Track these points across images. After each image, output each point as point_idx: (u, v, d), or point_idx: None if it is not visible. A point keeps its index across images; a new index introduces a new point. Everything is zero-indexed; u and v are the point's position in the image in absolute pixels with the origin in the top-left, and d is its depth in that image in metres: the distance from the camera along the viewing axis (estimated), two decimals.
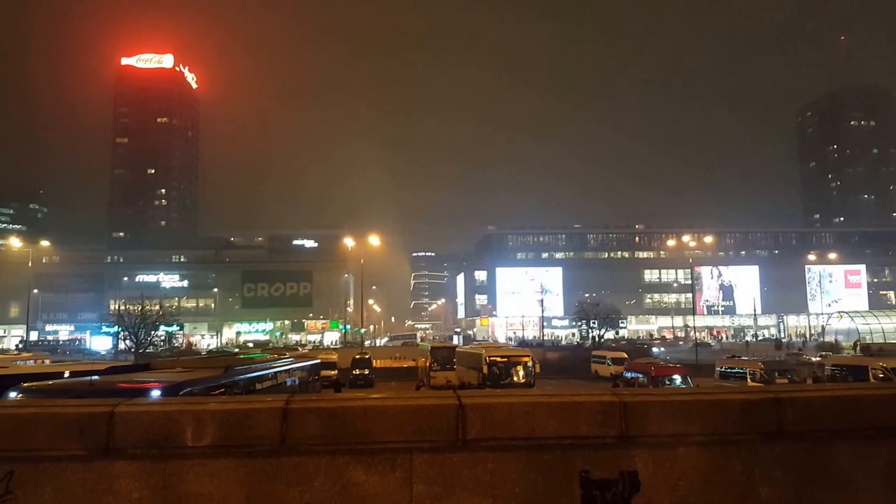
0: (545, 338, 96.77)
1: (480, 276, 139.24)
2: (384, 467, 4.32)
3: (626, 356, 50.58)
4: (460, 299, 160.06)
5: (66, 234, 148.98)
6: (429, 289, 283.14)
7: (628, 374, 35.12)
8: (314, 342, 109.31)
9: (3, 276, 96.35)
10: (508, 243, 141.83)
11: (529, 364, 30.42)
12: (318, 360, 21.90)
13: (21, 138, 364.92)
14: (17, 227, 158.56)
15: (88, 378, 8.77)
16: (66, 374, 13.08)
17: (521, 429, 4.44)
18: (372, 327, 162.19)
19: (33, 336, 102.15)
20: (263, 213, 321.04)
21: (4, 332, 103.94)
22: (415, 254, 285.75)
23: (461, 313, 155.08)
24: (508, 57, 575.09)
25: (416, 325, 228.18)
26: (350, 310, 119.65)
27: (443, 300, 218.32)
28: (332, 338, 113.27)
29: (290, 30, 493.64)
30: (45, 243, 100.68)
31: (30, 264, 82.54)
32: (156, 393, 8.09)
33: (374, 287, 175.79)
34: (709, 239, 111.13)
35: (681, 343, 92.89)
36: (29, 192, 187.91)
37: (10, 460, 4.18)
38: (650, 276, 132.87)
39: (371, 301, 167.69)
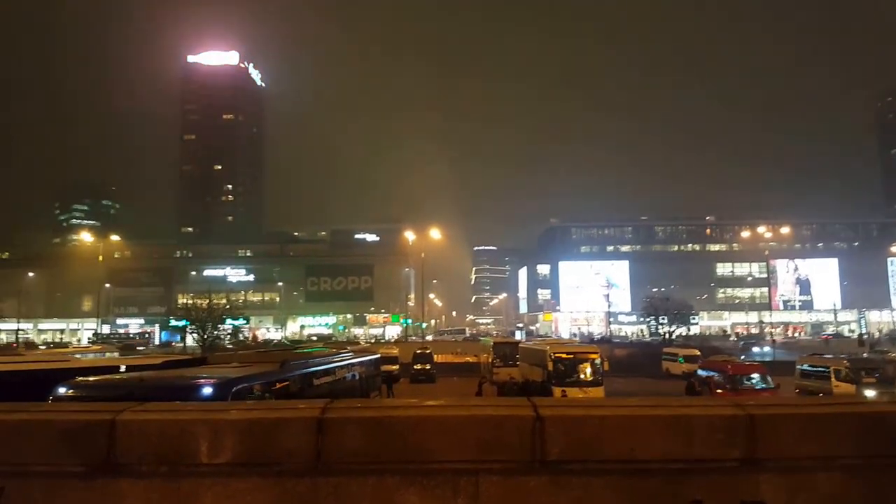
0: (611, 334, 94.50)
1: (543, 270, 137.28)
2: (443, 492, 3.45)
3: (698, 353, 48.48)
4: (522, 294, 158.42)
5: (137, 229, 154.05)
6: (490, 283, 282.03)
7: (703, 373, 33.35)
8: (376, 336, 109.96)
9: (78, 271, 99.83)
10: (572, 236, 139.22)
11: (598, 361, 29.06)
12: (379, 355, 21.24)
13: (94, 137, 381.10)
14: (91, 222, 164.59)
15: (138, 374, 8.39)
16: (122, 369, 12.69)
17: (616, 448, 3.49)
18: (433, 321, 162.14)
19: (105, 329, 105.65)
20: (326, 207, 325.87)
21: (78, 326, 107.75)
22: (476, 248, 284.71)
23: (523, 308, 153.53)
24: (575, 45, 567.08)
25: (476, 320, 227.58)
26: (411, 304, 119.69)
27: (504, 295, 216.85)
28: (393, 332, 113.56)
29: (353, 27, 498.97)
30: (115, 238, 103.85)
31: (100, 259, 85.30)
32: (207, 390, 7.69)
33: (434, 281, 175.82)
34: (785, 230, 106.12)
35: (757, 340, 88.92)
36: (102, 189, 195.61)
37: None
38: (722, 269, 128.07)
39: (432, 295, 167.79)
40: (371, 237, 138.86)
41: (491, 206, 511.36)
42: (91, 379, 8.39)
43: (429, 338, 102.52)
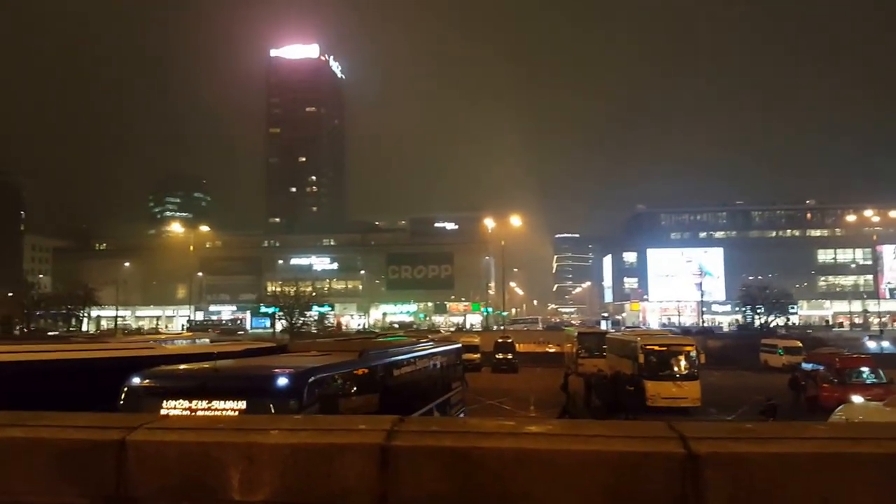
0: (704, 324, 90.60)
1: (629, 257, 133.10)
2: None
3: (800, 345, 45.43)
4: (607, 282, 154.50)
5: (227, 220, 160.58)
6: (573, 271, 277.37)
7: (807, 366, 30.94)
8: (457, 324, 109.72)
9: (172, 260, 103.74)
10: (661, 222, 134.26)
11: (693, 354, 27.18)
12: (460, 344, 20.46)
13: (186, 132, 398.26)
14: (184, 214, 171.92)
15: (213, 363, 7.98)
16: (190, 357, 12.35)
17: (804, 500, 2.40)
18: (514, 310, 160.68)
19: (199, 316, 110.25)
20: (406, 196, 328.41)
21: (174, 313, 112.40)
22: (557, 235, 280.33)
23: (608, 297, 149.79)
24: (662, 21, 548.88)
25: (558, 309, 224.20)
26: (491, 292, 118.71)
27: (588, 283, 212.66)
28: (473, 320, 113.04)
29: (430, 14, 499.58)
30: (206, 229, 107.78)
31: (191, 249, 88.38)
32: (283, 381, 7.29)
33: (515, 270, 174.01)
34: (894, 214, 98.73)
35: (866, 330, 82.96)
36: (193, 182, 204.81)
37: None
38: (824, 256, 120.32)
39: (513, 284, 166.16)
40: (450, 225, 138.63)
41: (573, 193, 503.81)
42: (165, 368, 8.18)
43: (502, 327, 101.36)
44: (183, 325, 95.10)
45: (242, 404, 6.96)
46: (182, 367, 8.42)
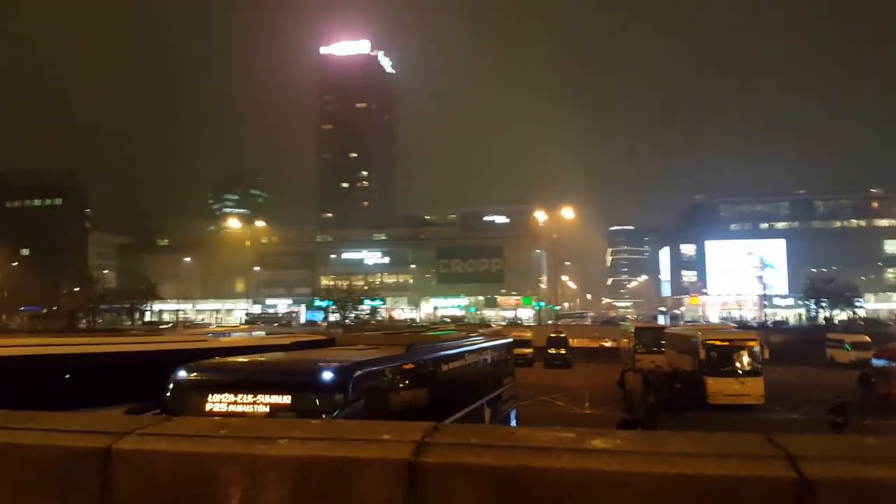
0: (766, 318, 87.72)
1: (687, 250, 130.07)
2: None
3: (868, 340, 43.29)
4: (664, 276, 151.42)
5: (282, 216, 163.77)
6: (628, 265, 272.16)
7: (878, 362, 29.32)
8: (507, 318, 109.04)
9: (230, 256, 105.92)
10: (720, 213, 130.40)
11: (756, 349, 26.09)
12: (511, 339, 19.86)
13: (242, 130, 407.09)
14: (241, 210, 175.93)
15: (259, 356, 8.13)
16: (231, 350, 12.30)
17: None
18: (567, 304, 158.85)
19: (256, 310, 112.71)
20: (456, 190, 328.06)
21: (232, 306, 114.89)
22: (612, 227, 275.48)
23: (666, 291, 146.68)
24: (719, 6, 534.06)
25: (613, 303, 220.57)
26: (543, 286, 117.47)
27: (644, 277, 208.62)
28: (526, 315, 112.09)
29: (482, 6, 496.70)
30: (260, 224, 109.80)
31: (247, 244, 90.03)
32: (327, 375, 7.11)
33: (567, 263, 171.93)
34: None
35: None
36: (250, 179, 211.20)
37: None
38: (891, 247, 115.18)
39: (565, 277, 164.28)
40: (501, 219, 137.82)
41: (628, 183, 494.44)
42: (210, 361, 8.10)
43: (549, 322, 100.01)
44: (241, 319, 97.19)
45: (287, 399, 6.84)
46: (228, 360, 8.38)
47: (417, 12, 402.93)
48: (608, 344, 51.71)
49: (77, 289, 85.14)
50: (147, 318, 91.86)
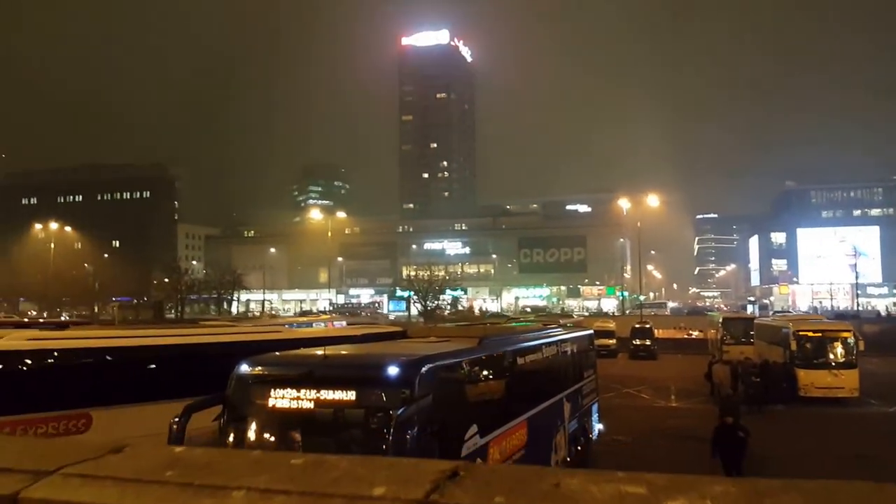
0: (859, 307, 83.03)
1: (777, 238, 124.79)
2: None
3: None
4: (753, 265, 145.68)
5: (364, 207, 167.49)
6: (715, 253, 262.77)
7: None
8: (592, 309, 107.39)
9: (314, 246, 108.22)
10: (811, 200, 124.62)
11: (850, 340, 24.74)
12: (592, 331, 19.33)
13: (325, 123, 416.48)
14: (325, 202, 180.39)
15: (323, 349, 7.68)
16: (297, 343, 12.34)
17: None
18: (652, 294, 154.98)
19: (340, 300, 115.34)
20: (537, 179, 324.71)
21: (317, 296, 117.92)
22: (698, 216, 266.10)
23: (755, 280, 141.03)
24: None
25: (701, 293, 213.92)
26: (627, 276, 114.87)
27: (732, 266, 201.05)
28: (609, 305, 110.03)
29: None
30: (345, 216, 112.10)
31: (329, 235, 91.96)
32: (393, 369, 6.88)
33: (652, 252, 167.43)
34: None
35: None
36: (333, 171, 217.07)
37: None
38: None
39: (650, 267, 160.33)
40: (583, 208, 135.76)
41: (715, 170, 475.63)
42: (272, 355, 7.97)
43: (626, 312, 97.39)
44: (325, 309, 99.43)
45: (351, 394, 6.71)
46: (290, 353, 8.26)
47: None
48: (695, 334, 50.06)
49: (166, 280, 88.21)
50: (234, 307, 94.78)
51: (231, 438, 7.26)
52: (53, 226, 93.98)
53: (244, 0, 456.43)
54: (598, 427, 16.89)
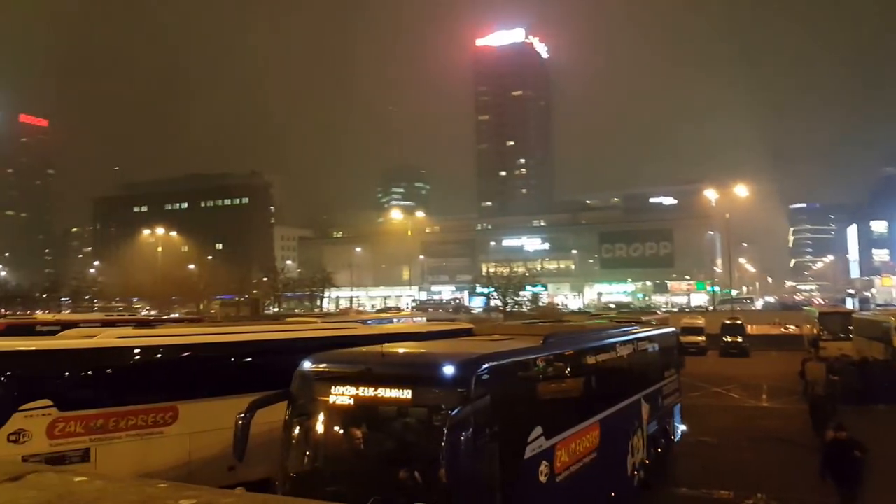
0: None
1: (878, 227, 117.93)
2: None
3: None
4: (852, 256, 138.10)
5: (444, 206, 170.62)
6: (811, 245, 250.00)
7: None
8: (680, 304, 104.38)
9: (397, 245, 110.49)
10: None
11: None
12: (673, 329, 18.64)
13: (407, 126, 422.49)
14: (407, 202, 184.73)
15: (380, 347, 7.73)
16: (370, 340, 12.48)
17: None
18: (745, 289, 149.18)
19: (422, 297, 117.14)
20: (618, 172, 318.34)
21: (400, 293, 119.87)
22: (793, 205, 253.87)
23: (854, 272, 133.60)
24: None
25: (796, 286, 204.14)
26: (718, 270, 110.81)
27: (830, 257, 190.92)
28: (699, 300, 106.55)
29: None
30: (424, 216, 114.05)
31: (409, 234, 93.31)
32: (448, 369, 6.73)
33: (744, 245, 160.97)
34: None
35: None
36: (414, 173, 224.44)
37: None
38: None
39: (742, 260, 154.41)
40: (668, 200, 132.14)
41: (809, 157, 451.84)
42: (333, 353, 8.04)
43: (709, 308, 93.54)
44: (407, 305, 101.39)
45: (407, 393, 6.68)
46: (351, 351, 8.31)
47: None
48: (791, 330, 47.76)
49: (264, 279, 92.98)
50: (325, 304, 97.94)
51: (294, 433, 7.46)
52: (161, 231, 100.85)
53: (324, 11, 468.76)
54: (680, 428, 16.40)
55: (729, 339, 42.90)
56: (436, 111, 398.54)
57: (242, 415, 7.29)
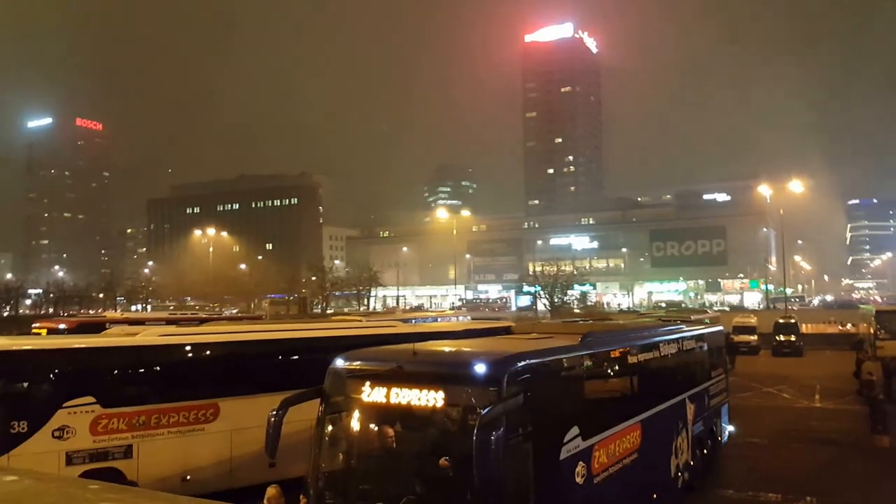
0: None
1: None
2: None
3: None
4: None
5: (490, 205, 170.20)
6: (870, 241, 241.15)
7: None
8: (733, 303, 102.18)
9: (444, 244, 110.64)
10: None
11: None
12: (721, 328, 18.23)
13: (453, 125, 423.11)
14: (454, 202, 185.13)
15: (411, 345, 7.59)
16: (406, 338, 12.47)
17: None
18: (800, 287, 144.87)
19: (469, 295, 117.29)
20: (670, 169, 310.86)
21: (446, 292, 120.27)
22: (850, 202, 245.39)
23: None
24: None
25: (854, 284, 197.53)
26: (772, 268, 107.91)
27: (888, 254, 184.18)
28: (753, 299, 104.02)
29: None
30: (470, 214, 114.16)
31: (454, 233, 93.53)
32: (479, 368, 6.68)
33: (799, 242, 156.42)
34: None
35: None
36: (461, 171, 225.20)
37: None
38: None
39: (797, 257, 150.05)
40: (721, 196, 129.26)
41: (867, 152, 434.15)
42: (366, 350, 8.07)
43: (759, 306, 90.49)
44: (452, 304, 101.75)
45: (439, 392, 6.60)
46: (382, 349, 8.33)
47: None
48: (847, 329, 46.33)
49: (313, 278, 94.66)
50: (372, 303, 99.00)
51: (326, 431, 7.53)
52: (212, 231, 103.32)
53: (370, 11, 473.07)
54: (728, 429, 16.15)
55: (782, 338, 41.90)
56: (483, 109, 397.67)
57: (275, 412, 7.34)
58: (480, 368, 6.72)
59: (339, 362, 7.68)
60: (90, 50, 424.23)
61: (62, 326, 20.79)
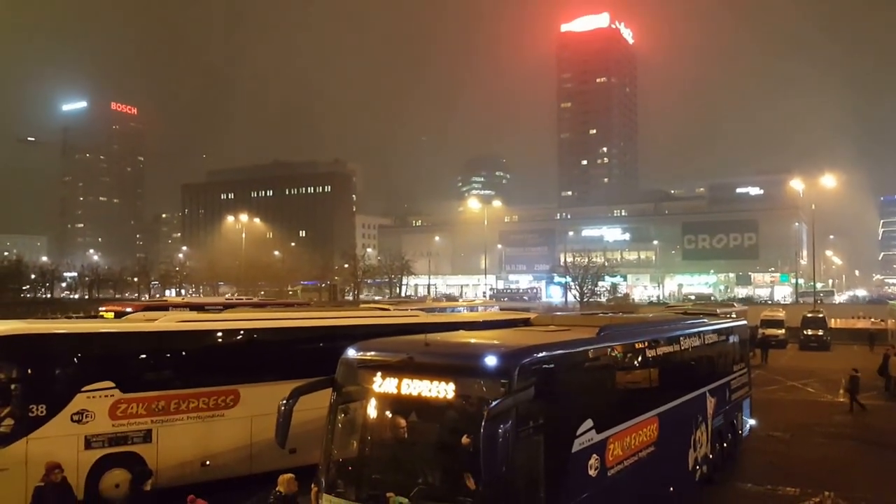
0: None
1: None
2: None
3: None
4: None
5: (523, 195, 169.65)
6: None
7: None
8: (763, 297, 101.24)
9: (475, 234, 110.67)
10: None
11: None
12: (744, 322, 18.22)
13: (488, 115, 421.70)
14: (487, 192, 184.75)
15: (424, 336, 7.70)
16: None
17: None
18: (830, 281, 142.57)
19: (500, 285, 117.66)
20: (704, 162, 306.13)
21: (478, 282, 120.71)
22: (883, 197, 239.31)
23: None
24: None
25: (885, 280, 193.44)
26: (803, 262, 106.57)
27: None
28: (782, 293, 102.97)
29: None
30: (496, 204, 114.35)
31: (485, 223, 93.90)
32: (490, 361, 6.69)
33: (832, 237, 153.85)
34: None
35: None
36: (494, 162, 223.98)
37: None
38: None
39: (829, 252, 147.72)
40: (754, 190, 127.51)
41: None
42: (377, 341, 8.06)
43: (787, 300, 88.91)
44: (484, 293, 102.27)
45: (449, 384, 6.57)
46: (394, 339, 8.31)
47: None
48: (876, 325, 46.08)
49: (346, 265, 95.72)
50: (403, 291, 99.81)
51: (337, 420, 7.56)
52: (245, 217, 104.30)
53: (409, 2, 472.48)
54: (749, 423, 16.17)
55: (809, 332, 42.01)
56: (517, 99, 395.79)
57: (285, 401, 7.35)
58: (491, 361, 6.70)
59: (351, 352, 7.71)
60: (126, 34, 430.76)
61: (129, 310, 20.98)
